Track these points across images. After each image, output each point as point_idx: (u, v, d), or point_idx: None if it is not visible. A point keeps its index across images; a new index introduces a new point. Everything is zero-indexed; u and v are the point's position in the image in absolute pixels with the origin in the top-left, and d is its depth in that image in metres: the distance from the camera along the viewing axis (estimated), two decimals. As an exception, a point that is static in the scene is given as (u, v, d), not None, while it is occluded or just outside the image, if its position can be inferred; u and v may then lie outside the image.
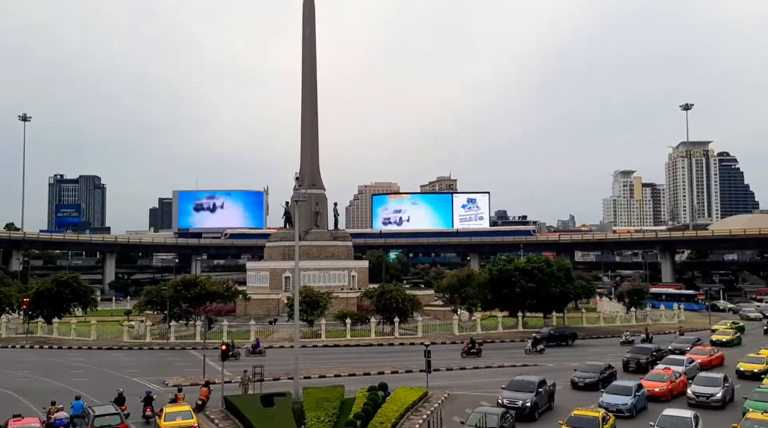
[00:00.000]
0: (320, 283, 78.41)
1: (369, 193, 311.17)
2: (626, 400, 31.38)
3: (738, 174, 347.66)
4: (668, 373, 36.56)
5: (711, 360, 45.86)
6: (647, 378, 36.27)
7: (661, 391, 34.54)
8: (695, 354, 46.26)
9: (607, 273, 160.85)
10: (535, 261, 73.04)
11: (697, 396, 32.75)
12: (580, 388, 37.13)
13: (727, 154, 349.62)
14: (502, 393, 32.06)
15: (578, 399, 33.24)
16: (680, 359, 42.70)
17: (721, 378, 33.97)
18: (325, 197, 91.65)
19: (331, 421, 28.65)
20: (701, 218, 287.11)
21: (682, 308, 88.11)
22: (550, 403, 32.99)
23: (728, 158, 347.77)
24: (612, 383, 34.30)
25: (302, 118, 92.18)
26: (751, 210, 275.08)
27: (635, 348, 48.00)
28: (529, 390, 31.58)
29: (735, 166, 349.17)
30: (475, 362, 49.23)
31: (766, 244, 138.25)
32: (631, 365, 44.08)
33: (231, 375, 40.09)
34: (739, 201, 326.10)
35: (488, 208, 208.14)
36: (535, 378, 33.03)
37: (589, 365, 40.20)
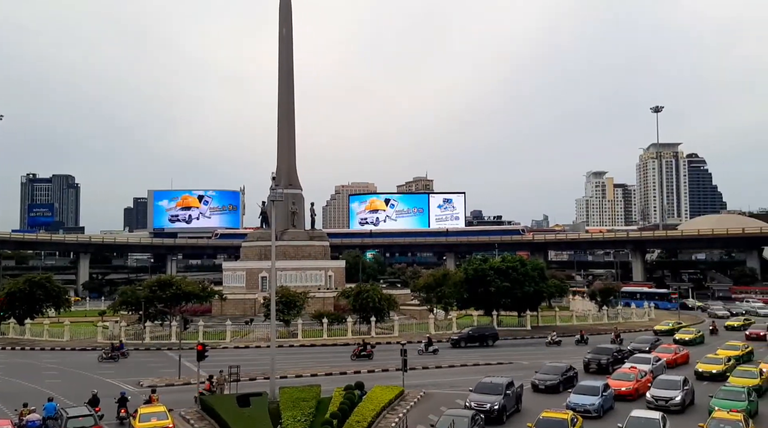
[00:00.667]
0: (297, 283, 78.36)
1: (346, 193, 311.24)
2: (593, 400, 31.05)
3: (706, 175, 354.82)
4: (634, 372, 36.53)
5: (676, 358, 46.26)
6: (614, 377, 36.23)
7: (628, 390, 34.44)
8: (661, 352, 46.61)
9: (579, 273, 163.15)
10: (510, 260, 73.88)
11: (656, 400, 31.73)
12: (541, 391, 36.27)
13: (696, 156, 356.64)
14: (470, 395, 31.44)
15: (542, 401, 33.07)
16: (647, 357, 42.65)
17: (680, 381, 33.13)
18: (302, 197, 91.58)
19: (308, 420, 28.75)
20: (671, 218, 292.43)
21: (652, 306, 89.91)
22: (518, 405, 32.55)
23: (697, 160, 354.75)
24: (579, 383, 33.90)
25: (279, 117, 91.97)
26: (719, 210, 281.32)
27: (596, 348, 46.81)
28: (497, 393, 30.97)
29: (704, 168, 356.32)
30: (451, 360, 49.75)
31: (733, 244, 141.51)
32: (591, 366, 43.44)
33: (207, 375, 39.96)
34: (708, 201, 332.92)
35: (464, 208, 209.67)
36: (503, 380, 32.33)
37: (550, 366, 39.14)
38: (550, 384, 36.50)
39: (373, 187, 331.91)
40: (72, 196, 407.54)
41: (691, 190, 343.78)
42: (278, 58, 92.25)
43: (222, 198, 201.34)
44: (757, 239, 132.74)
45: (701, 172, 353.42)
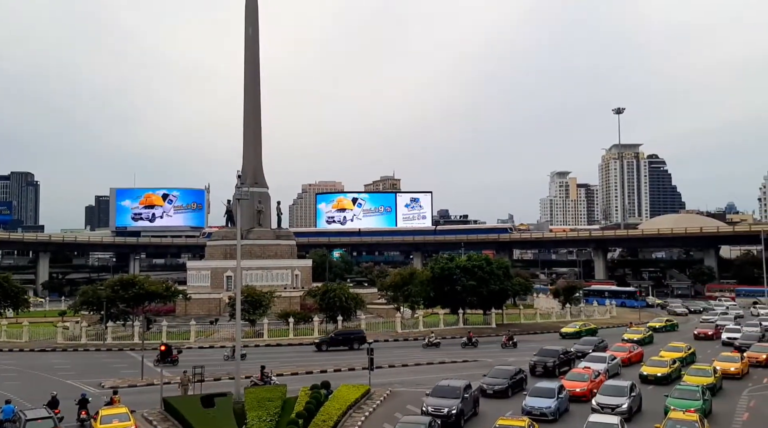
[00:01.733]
0: (263, 282, 77.82)
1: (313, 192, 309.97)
2: (550, 403, 30.13)
3: (666, 175, 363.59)
4: (588, 373, 35.97)
5: (631, 356, 46.16)
6: (568, 378, 35.71)
7: (582, 391, 33.70)
8: (616, 350, 46.50)
9: (543, 271, 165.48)
10: (476, 259, 74.57)
11: (602, 407, 29.80)
12: (489, 395, 34.56)
13: (656, 157, 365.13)
14: (427, 399, 30.28)
15: (497, 404, 32.81)
16: (602, 356, 42.48)
17: (627, 387, 31.52)
18: (269, 195, 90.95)
19: (273, 420, 28.62)
20: (632, 217, 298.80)
21: (614, 304, 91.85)
22: (476, 409, 31.55)
23: (657, 160, 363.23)
24: (534, 385, 32.64)
25: (245, 115, 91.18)
26: (678, 210, 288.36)
27: (542, 350, 44.80)
28: (454, 396, 29.86)
29: (663, 168, 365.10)
30: (417, 359, 50.06)
31: (691, 243, 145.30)
32: (537, 369, 41.93)
33: (170, 376, 39.53)
34: (667, 201, 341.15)
35: (431, 207, 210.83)
36: (461, 383, 31.28)
37: (498, 370, 37.46)
38: (498, 389, 35.14)
39: (340, 186, 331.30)
40: (31, 193, 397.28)
41: (652, 190, 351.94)
42: (244, 56, 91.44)
43: (186, 196, 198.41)
44: (714, 238, 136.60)
45: (661, 173, 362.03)
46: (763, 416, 31.24)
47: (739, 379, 39.37)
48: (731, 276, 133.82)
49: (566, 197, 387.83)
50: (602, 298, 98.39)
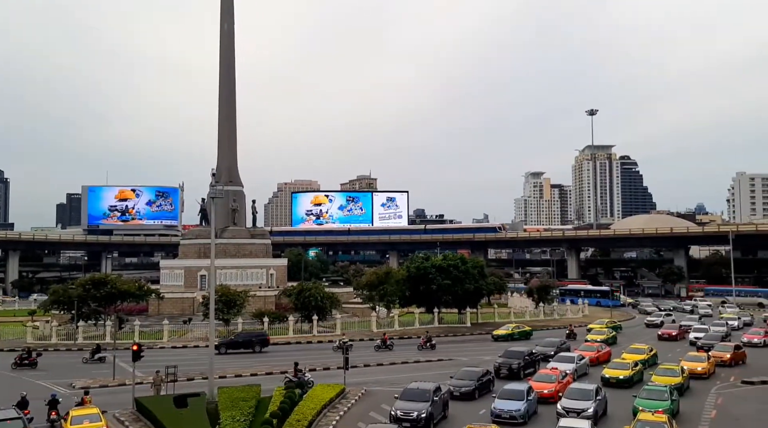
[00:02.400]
0: (237, 282, 77.35)
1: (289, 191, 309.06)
2: (519, 406, 29.51)
3: (638, 176, 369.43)
4: (555, 373, 35.45)
5: (599, 356, 46.02)
6: (535, 379, 35.29)
7: (550, 393, 33.28)
8: (584, 350, 46.15)
9: (518, 270, 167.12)
10: (451, 258, 75.05)
11: (567, 412, 28.93)
12: (456, 398, 33.64)
13: (628, 158, 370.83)
14: (396, 403, 29.45)
15: (465, 407, 32.38)
16: (571, 356, 42.18)
17: (593, 391, 30.71)
18: (243, 194, 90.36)
19: (247, 420, 28.48)
20: (604, 218, 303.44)
21: (586, 303, 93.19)
22: (445, 412, 30.81)
23: (629, 161, 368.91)
24: (503, 387, 31.76)
25: (219, 113, 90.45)
26: (649, 210, 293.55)
27: (507, 352, 43.77)
28: (424, 400, 29.04)
29: (635, 169, 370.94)
30: (392, 358, 50.23)
31: (662, 243, 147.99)
32: (502, 371, 40.93)
33: (143, 376, 39.15)
34: (639, 202, 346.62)
35: (407, 206, 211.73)
36: (430, 386, 30.40)
37: (465, 371, 36.65)
38: (465, 391, 34.38)
39: (316, 185, 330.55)
40: (0, 191, 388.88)
41: (624, 190, 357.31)
42: (220, 53, 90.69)
43: (160, 194, 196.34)
44: (684, 238, 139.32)
45: (633, 174, 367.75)
46: (731, 414, 31.87)
47: (705, 379, 39.72)
48: (700, 275, 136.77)
49: (540, 197, 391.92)
50: (578, 297, 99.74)
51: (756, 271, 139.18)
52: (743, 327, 68.74)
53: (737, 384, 39.25)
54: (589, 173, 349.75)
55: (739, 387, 38.69)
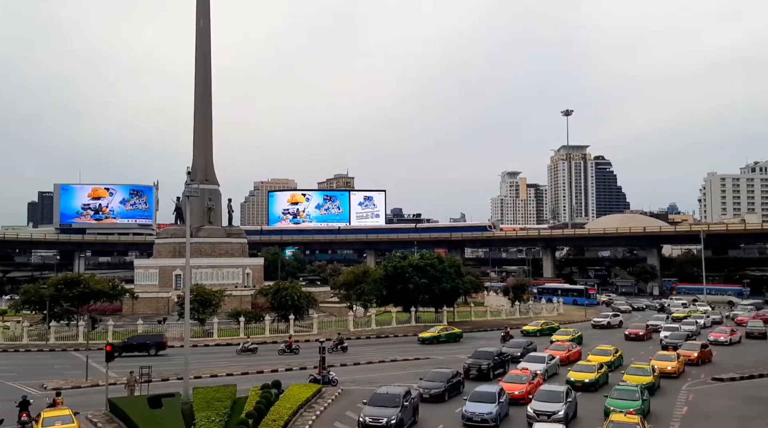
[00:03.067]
0: (213, 281, 76.78)
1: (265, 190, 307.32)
2: (491, 409, 28.66)
3: (612, 176, 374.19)
4: (526, 374, 34.83)
5: (569, 355, 45.50)
6: (506, 380, 34.60)
7: (521, 394, 32.60)
8: (555, 350, 45.71)
9: (494, 269, 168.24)
10: (428, 257, 75.36)
11: (537, 415, 28.44)
12: (426, 400, 32.68)
13: (603, 158, 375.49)
14: (364, 409, 28.42)
15: (435, 411, 31.59)
16: (541, 356, 41.64)
17: (563, 393, 30.01)
18: (219, 193, 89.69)
19: (222, 421, 28.29)
20: (579, 217, 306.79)
21: (561, 302, 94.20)
22: (415, 417, 29.82)
23: (603, 162, 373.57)
24: (474, 390, 30.90)
25: (195, 110, 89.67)
26: (622, 210, 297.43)
27: (477, 352, 42.72)
28: (393, 405, 27.98)
29: (609, 169, 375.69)
30: (370, 356, 50.24)
31: (635, 242, 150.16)
32: (472, 371, 40.01)
33: (116, 376, 38.66)
34: (613, 201, 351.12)
35: (384, 205, 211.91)
36: (400, 390, 29.24)
37: (435, 373, 35.89)
38: (435, 393, 33.56)
39: (293, 184, 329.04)
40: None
41: (598, 190, 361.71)
42: (195, 49, 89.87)
43: (134, 193, 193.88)
44: (656, 237, 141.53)
45: (607, 174, 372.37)
46: (702, 410, 32.41)
47: (675, 378, 39.76)
48: (672, 274, 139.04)
49: (516, 197, 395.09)
50: (556, 296, 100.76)
51: (726, 270, 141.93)
52: (711, 325, 69.51)
53: (708, 381, 39.95)
54: (564, 173, 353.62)
55: (710, 384, 39.39)
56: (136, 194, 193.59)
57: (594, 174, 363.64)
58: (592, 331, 67.16)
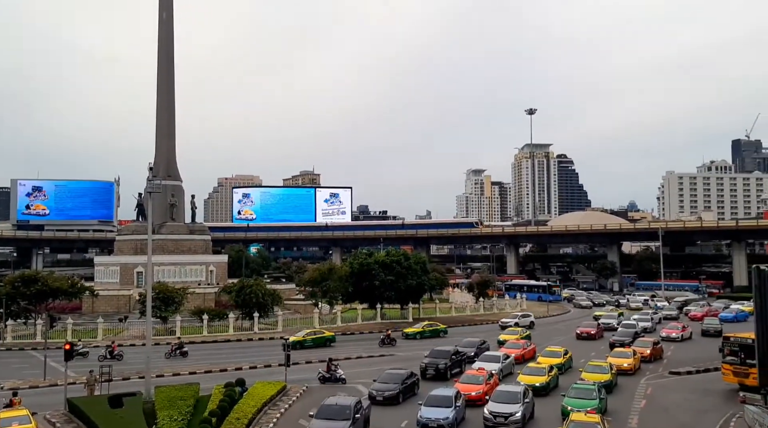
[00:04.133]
0: (176, 279, 75.66)
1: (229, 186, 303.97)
2: (447, 413, 27.51)
3: (574, 175, 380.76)
4: (483, 374, 33.83)
5: (524, 353, 44.80)
6: (462, 380, 33.54)
7: (478, 395, 31.66)
8: (510, 348, 45.01)
9: (459, 266, 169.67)
10: (394, 254, 75.66)
11: (494, 416, 27.69)
12: (379, 403, 31.53)
13: (565, 157, 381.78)
14: (311, 423, 26.59)
15: (387, 416, 30.11)
16: (496, 355, 40.68)
17: (520, 393, 29.30)
18: (182, 189, 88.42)
19: (185, 419, 27.99)
20: (542, 215, 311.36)
21: (524, 298, 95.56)
22: None
23: (566, 160, 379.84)
24: (430, 394, 29.45)
25: (158, 104, 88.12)
26: (584, 207, 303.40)
27: (434, 351, 41.48)
28: (343, 418, 26.09)
29: (571, 168, 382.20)
30: (334, 354, 50.16)
31: (596, 239, 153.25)
32: (429, 371, 38.94)
33: (76, 376, 37.85)
34: (575, 199, 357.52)
35: (350, 202, 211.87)
36: (350, 401, 27.32)
37: (389, 374, 34.44)
38: (389, 395, 32.27)
39: (258, 180, 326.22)
40: None
41: (560, 188, 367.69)
42: (158, 42, 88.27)
43: (95, 189, 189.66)
44: (616, 234, 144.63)
45: (569, 172, 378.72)
46: (660, 403, 33.28)
47: (631, 375, 39.97)
48: (632, 270, 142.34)
49: (481, 194, 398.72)
50: (523, 292, 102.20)
51: (683, 266, 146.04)
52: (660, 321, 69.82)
53: (665, 375, 41.04)
54: (528, 171, 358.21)
55: (667, 377, 40.47)
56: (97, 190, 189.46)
57: (557, 172, 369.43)
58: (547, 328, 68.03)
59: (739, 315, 73.89)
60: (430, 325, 62.49)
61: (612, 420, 29.30)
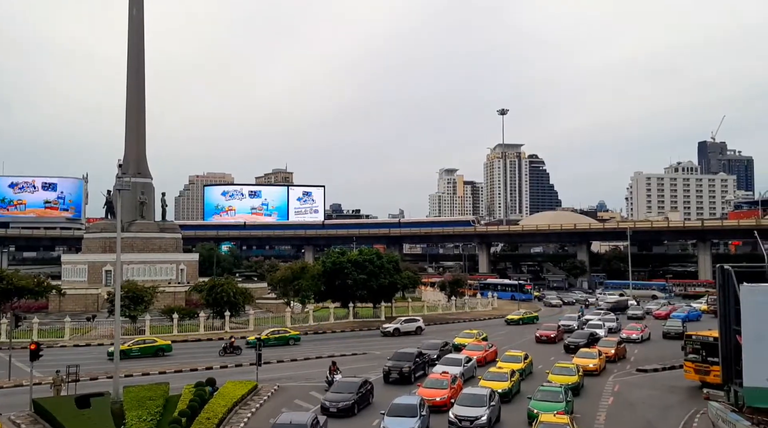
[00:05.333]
0: (145, 277, 74.69)
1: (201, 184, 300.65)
2: (412, 423, 26.05)
3: (545, 175, 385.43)
4: (447, 378, 32.63)
5: (486, 355, 43.78)
6: (426, 385, 32.33)
7: (443, 400, 30.49)
8: (471, 350, 43.74)
9: (431, 265, 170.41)
10: (367, 253, 75.71)
11: (459, 421, 27.00)
12: (333, 415, 29.25)
13: (536, 157, 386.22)
14: None
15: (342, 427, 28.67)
16: (458, 358, 39.06)
17: (486, 396, 28.55)
18: (152, 186, 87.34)
19: (154, 420, 27.71)
20: (513, 214, 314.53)
21: (496, 296, 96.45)
22: None
23: (537, 160, 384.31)
24: (393, 403, 27.80)
25: (128, 101, 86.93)
26: (555, 207, 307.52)
27: (397, 354, 39.96)
28: None
29: (542, 168, 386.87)
30: (307, 353, 50.09)
31: (566, 238, 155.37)
32: (392, 375, 37.21)
33: (41, 376, 37.17)
34: (545, 199, 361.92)
35: (323, 201, 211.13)
36: (305, 419, 25.61)
37: (343, 383, 32.19)
38: (343, 406, 29.87)
39: (230, 178, 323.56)
40: None
41: (532, 188, 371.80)
42: (128, 38, 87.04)
43: (62, 186, 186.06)
44: (586, 234, 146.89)
45: (540, 172, 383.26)
46: (627, 400, 33.94)
47: (597, 375, 39.51)
48: (601, 269, 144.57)
49: (454, 193, 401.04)
50: (496, 291, 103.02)
51: (651, 265, 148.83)
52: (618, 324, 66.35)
53: (632, 373, 41.82)
54: (499, 171, 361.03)
55: (634, 375, 41.23)
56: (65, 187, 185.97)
57: (528, 172, 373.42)
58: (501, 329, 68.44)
59: (691, 315, 73.66)
60: (275, 332, 56.53)
61: (580, 417, 29.72)
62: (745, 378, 25.22)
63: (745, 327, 25.55)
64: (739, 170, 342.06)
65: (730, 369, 28.41)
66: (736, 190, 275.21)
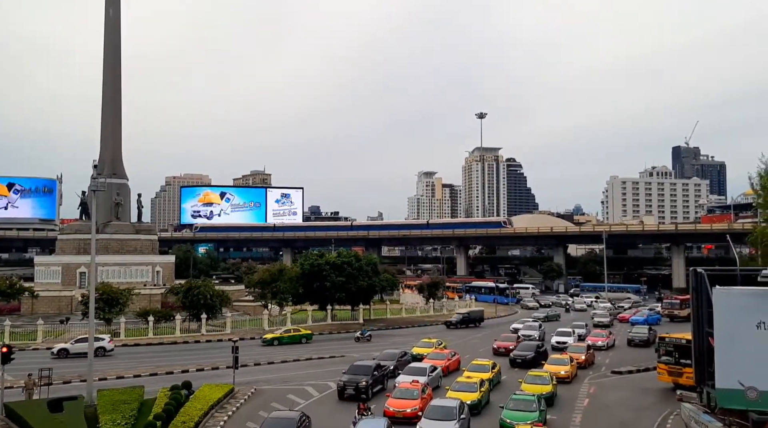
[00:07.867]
0: (121, 279, 73.84)
1: (177, 185, 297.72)
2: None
3: (522, 178, 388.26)
4: (417, 387, 30.93)
5: (449, 365, 41.81)
6: (395, 395, 30.55)
7: (413, 412, 28.65)
8: (434, 359, 41.56)
9: (410, 267, 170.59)
10: (345, 255, 75.53)
11: None
12: None
13: (514, 160, 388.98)
14: None
15: None
16: (422, 368, 36.88)
17: (456, 408, 26.96)
18: (128, 187, 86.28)
19: (129, 424, 27.41)
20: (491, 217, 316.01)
21: (474, 298, 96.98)
22: None
23: (514, 164, 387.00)
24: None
25: (103, 101, 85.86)
26: (532, 210, 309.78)
27: (353, 367, 36.24)
28: None
29: (520, 171, 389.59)
30: (284, 355, 49.84)
31: (543, 241, 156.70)
32: (348, 390, 33.68)
33: (13, 379, 36.46)
34: (523, 202, 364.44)
35: (302, 203, 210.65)
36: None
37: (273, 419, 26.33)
38: None
39: (207, 179, 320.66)
40: None
41: (509, 191, 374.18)
42: (104, 39, 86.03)
43: (35, 186, 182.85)
44: (563, 237, 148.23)
45: (518, 175, 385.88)
46: (602, 401, 34.31)
47: (568, 383, 38.44)
48: (577, 272, 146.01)
49: (432, 196, 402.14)
50: (480, 294, 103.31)
51: (626, 268, 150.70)
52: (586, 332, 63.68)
53: (607, 374, 42.34)
54: (478, 174, 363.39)
55: (609, 377, 41.73)
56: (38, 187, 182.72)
57: (506, 175, 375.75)
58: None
59: (650, 319, 72.59)
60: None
61: (556, 419, 30.02)
62: (717, 379, 25.61)
63: (717, 330, 25.94)
64: (712, 175, 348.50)
65: (702, 370, 28.81)
66: (709, 195, 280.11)
